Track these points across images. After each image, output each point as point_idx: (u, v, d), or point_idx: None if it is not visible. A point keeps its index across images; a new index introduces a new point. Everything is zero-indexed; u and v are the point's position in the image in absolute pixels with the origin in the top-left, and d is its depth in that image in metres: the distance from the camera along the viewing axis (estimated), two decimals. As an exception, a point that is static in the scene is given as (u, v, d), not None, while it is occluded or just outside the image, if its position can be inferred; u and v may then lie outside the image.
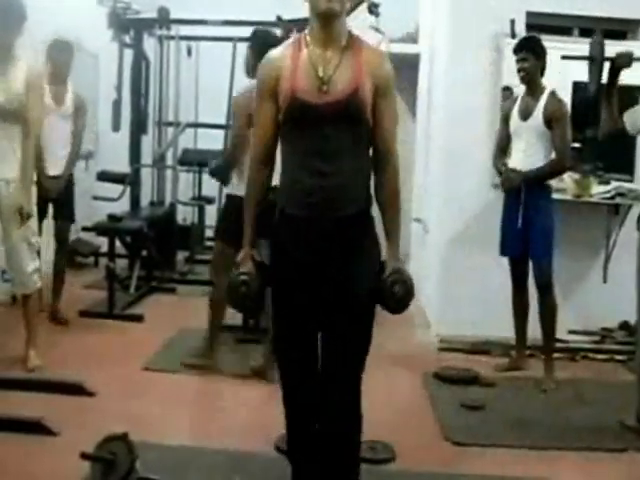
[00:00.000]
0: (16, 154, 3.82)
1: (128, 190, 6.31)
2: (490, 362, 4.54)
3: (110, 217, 5.47)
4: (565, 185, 4.72)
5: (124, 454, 2.71)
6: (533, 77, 4.16)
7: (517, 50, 4.19)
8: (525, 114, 4.19)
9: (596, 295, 4.92)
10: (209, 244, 6.48)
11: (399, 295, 2.36)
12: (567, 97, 4.54)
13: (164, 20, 6.73)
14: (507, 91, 4.69)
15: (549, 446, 3.42)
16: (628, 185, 4.83)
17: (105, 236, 5.53)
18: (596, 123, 3.94)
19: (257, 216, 2.44)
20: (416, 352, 4.50)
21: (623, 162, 5.03)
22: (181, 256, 6.77)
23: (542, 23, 4.94)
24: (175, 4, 6.75)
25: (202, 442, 3.24)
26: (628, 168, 5.01)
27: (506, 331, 4.49)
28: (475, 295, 4.88)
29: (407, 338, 5.04)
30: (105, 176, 6.28)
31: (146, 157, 6.86)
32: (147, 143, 6.95)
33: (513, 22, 4.80)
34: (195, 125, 7.19)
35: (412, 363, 4.51)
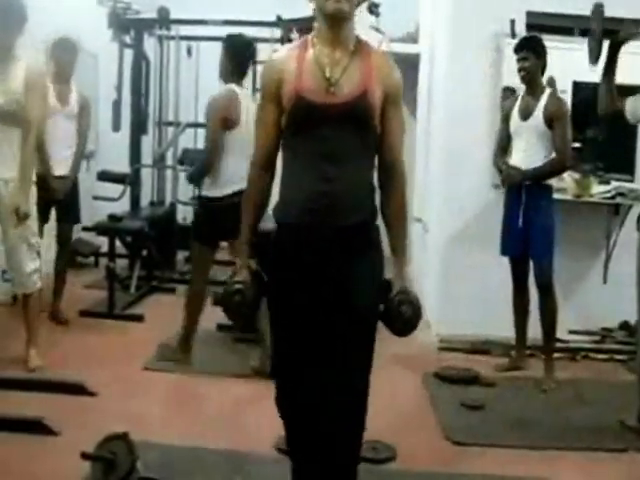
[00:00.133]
0: (15, 154, 3.82)
1: (128, 190, 6.32)
2: (490, 362, 4.54)
3: (110, 217, 5.47)
4: (565, 185, 4.72)
5: (124, 454, 2.72)
6: (534, 77, 4.17)
7: (518, 49, 4.19)
8: (525, 114, 4.20)
9: (596, 295, 4.92)
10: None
11: (407, 316, 2.29)
12: (567, 97, 4.54)
13: (164, 20, 6.74)
14: (508, 92, 4.67)
15: (549, 446, 3.42)
16: (628, 185, 4.83)
17: (105, 236, 5.53)
18: (597, 123, 3.94)
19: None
20: (416, 352, 4.50)
21: (623, 162, 5.03)
22: (181, 256, 6.76)
23: (542, 23, 4.94)
24: (175, 4, 6.76)
25: (202, 442, 3.24)
26: (628, 168, 5.01)
27: (506, 331, 4.49)
28: (475, 295, 4.88)
29: (407, 338, 5.02)
30: (105, 176, 6.28)
31: (146, 157, 6.87)
32: (147, 143, 6.96)
33: (513, 22, 4.80)
34: (195, 125, 7.17)
35: (412, 363, 4.51)
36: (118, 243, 5.83)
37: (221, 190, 4.08)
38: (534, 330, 4.33)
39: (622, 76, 3.75)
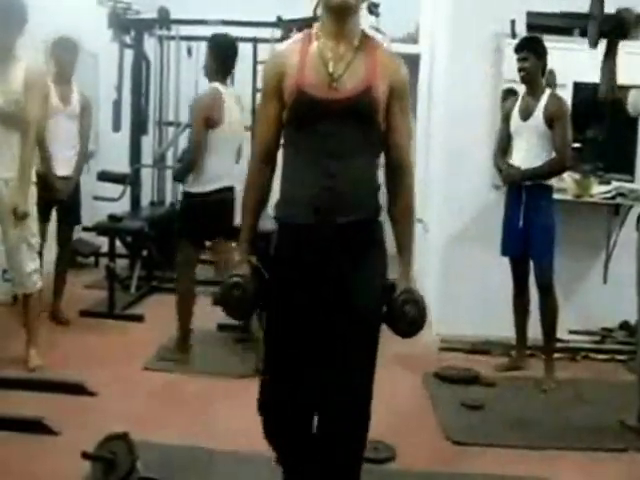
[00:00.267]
0: (15, 154, 3.82)
1: (128, 190, 6.32)
2: (490, 362, 4.55)
3: (110, 217, 5.47)
4: (565, 185, 4.71)
5: (125, 454, 2.72)
6: (534, 77, 4.16)
7: (518, 50, 4.19)
8: (526, 114, 4.19)
9: (596, 295, 4.92)
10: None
11: (410, 316, 2.22)
12: (567, 97, 4.54)
13: (164, 20, 6.74)
14: (510, 94, 4.64)
15: (549, 446, 3.42)
16: (628, 185, 4.83)
17: (105, 236, 5.54)
18: (597, 123, 3.94)
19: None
20: (416, 352, 4.49)
21: (623, 162, 5.03)
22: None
23: (542, 23, 4.93)
24: (175, 4, 6.75)
25: (202, 442, 3.24)
26: (628, 168, 5.00)
27: (506, 331, 4.49)
28: (475, 295, 4.88)
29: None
30: (105, 176, 6.27)
31: (146, 157, 6.87)
32: (147, 143, 6.95)
33: (513, 22, 4.80)
34: (195, 125, 7.18)
35: (412, 363, 4.51)
36: (118, 243, 5.84)
37: (204, 186, 4.14)
38: (534, 330, 4.33)
39: (622, 76, 3.75)
